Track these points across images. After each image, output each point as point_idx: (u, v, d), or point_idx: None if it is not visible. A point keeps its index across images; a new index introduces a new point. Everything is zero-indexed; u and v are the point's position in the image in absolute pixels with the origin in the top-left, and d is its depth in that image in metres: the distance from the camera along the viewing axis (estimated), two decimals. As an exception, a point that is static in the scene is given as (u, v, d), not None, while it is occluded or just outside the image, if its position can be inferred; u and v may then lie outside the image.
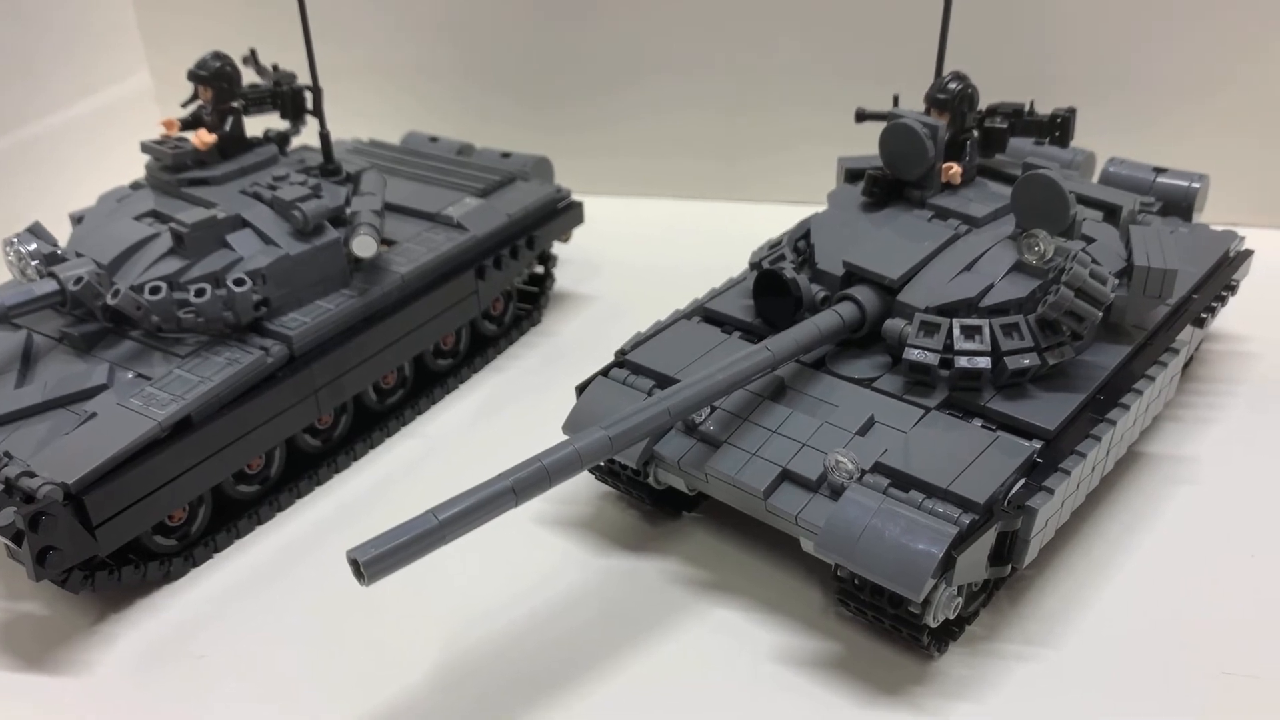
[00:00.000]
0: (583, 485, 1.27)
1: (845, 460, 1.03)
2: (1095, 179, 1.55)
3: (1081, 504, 1.22)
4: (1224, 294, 1.37)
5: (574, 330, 1.63)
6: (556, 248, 1.69)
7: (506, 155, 1.69)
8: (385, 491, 1.31)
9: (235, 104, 1.38)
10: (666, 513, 1.23)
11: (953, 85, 1.26)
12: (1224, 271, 1.38)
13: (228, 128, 1.37)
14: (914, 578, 0.95)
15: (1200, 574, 1.14)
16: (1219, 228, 1.47)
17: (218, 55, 1.37)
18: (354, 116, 1.84)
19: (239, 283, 1.20)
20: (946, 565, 0.95)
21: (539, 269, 1.66)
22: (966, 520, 0.97)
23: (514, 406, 1.45)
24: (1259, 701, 0.99)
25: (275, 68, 1.47)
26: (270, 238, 1.27)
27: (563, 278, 1.75)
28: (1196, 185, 1.48)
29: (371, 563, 0.85)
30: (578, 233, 1.70)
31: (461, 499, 0.90)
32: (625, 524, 1.23)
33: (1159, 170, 1.51)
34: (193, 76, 1.36)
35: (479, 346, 1.54)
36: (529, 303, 1.65)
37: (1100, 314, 1.08)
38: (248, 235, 1.27)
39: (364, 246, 1.28)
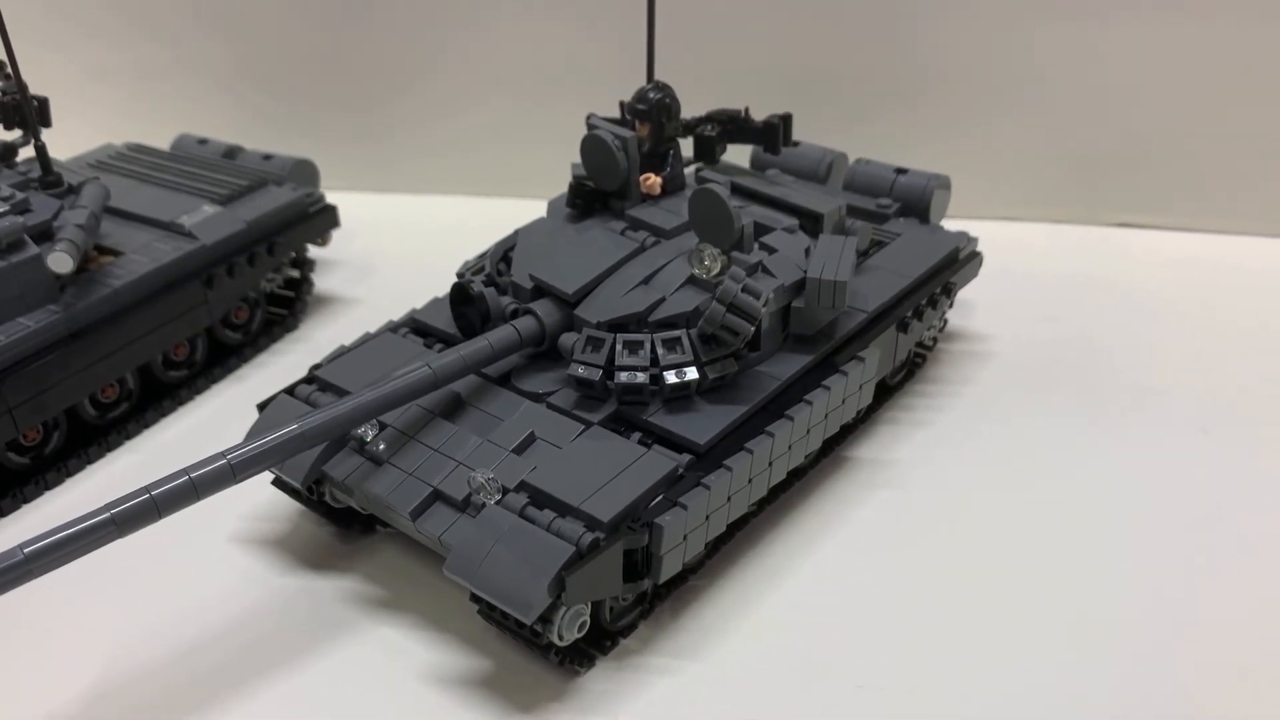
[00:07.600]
0: (282, 502, 1.27)
1: (484, 480, 1.03)
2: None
3: (771, 509, 1.24)
4: (938, 297, 1.38)
5: (331, 336, 1.59)
6: (320, 252, 1.68)
7: (269, 158, 1.68)
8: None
9: (-51, 117, 1.37)
10: (359, 530, 1.23)
11: (652, 95, 1.26)
12: (941, 275, 1.39)
13: (-62, 141, 1.36)
14: (524, 600, 0.95)
15: (865, 586, 1.15)
16: (955, 227, 1.48)
17: (-75, 67, 1.35)
18: (123, 119, 1.83)
19: (-87, 303, 1.19)
20: (561, 586, 0.95)
21: (295, 274, 1.64)
22: (589, 539, 0.97)
23: (248, 418, 1.43)
24: (884, 714, 1.00)
25: (6, 77, 1.45)
26: (-37, 255, 1.25)
27: (331, 281, 1.74)
28: (932, 186, 1.49)
29: (-56, 599, 0.85)
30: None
31: (56, 531, 0.90)
32: (317, 541, 1.23)
33: (900, 171, 1.52)
34: (-101, 90, 1.34)
35: (221, 355, 1.53)
36: (287, 308, 1.64)
37: (752, 328, 1.08)
38: (-59, 253, 1.25)
39: (59, 263, 1.26)
